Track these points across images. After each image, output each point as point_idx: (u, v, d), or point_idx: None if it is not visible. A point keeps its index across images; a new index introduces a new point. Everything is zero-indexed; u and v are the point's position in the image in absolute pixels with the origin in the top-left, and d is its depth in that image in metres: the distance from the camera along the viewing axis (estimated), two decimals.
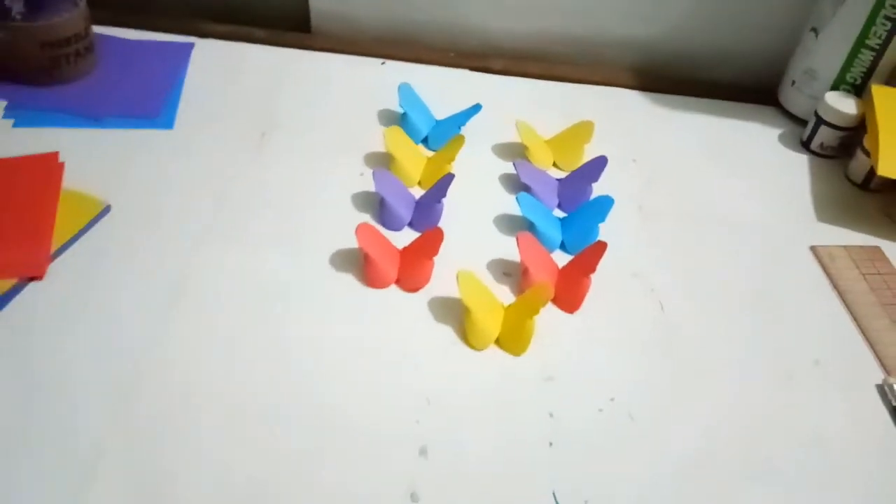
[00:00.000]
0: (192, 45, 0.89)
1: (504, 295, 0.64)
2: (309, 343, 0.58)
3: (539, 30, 0.93)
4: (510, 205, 0.72)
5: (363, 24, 0.94)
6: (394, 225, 0.69)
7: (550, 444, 0.53)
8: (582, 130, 0.78)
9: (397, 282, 0.64)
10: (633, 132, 0.85)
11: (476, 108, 0.79)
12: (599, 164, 0.73)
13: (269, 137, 0.78)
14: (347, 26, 0.94)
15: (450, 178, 0.68)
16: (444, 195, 0.68)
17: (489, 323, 0.60)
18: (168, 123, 0.78)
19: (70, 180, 0.69)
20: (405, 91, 0.79)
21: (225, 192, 0.71)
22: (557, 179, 0.76)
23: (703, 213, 0.75)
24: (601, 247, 0.62)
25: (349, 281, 0.64)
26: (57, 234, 0.63)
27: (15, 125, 0.75)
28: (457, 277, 0.59)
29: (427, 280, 0.64)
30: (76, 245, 0.64)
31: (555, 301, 0.63)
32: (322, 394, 0.55)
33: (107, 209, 0.67)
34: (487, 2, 0.91)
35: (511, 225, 0.71)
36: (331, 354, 0.57)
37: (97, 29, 0.87)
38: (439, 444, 0.52)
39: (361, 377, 0.56)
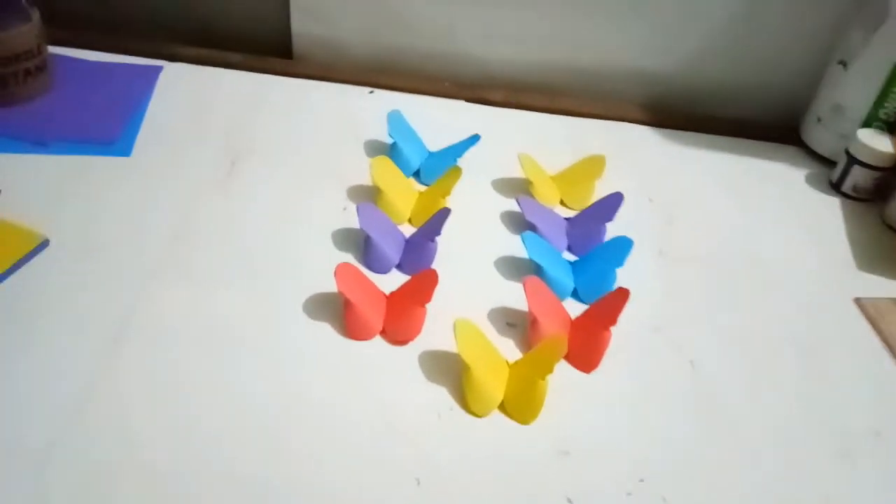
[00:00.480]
0: (160, 69, 0.81)
1: (508, 350, 0.54)
2: (273, 402, 0.48)
3: (541, 60, 0.86)
4: (514, 246, 0.63)
5: (349, 50, 0.86)
6: (380, 267, 0.59)
7: None
8: (592, 165, 0.70)
9: (382, 332, 0.54)
10: (646, 170, 0.77)
11: (474, 139, 0.70)
12: (614, 201, 0.64)
13: (240, 167, 0.69)
14: (332, 52, 0.86)
15: (445, 213, 0.59)
16: (438, 233, 0.59)
17: (492, 383, 0.50)
18: (125, 150, 0.69)
19: (6, 211, 0.60)
20: (395, 119, 0.71)
21: (184, 225, 0.61)
22: (566, 219, 0.67)
23: (731, 259, 0.66)
24: (623, 294, 0.53)
25: (326, 331, 0.54)
26: None
27: None
28: (454, 327, 0.50)
29: (418, 331, 0.54)
30: (7, 281, 0.54)
31: (568, 358, 0.54)
32: (286, 467, 0.44)
33: (45, 243, 0.57)
34: (485, 28, 0.84)
35: (515, 268, 0.62)
36: (299, 418, 0.47)
37: (58, 50, 0.79)
38: None
39: (337, 449, 0.46)
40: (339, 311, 0.54)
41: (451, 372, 0.52)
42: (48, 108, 0.73)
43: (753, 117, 0.87)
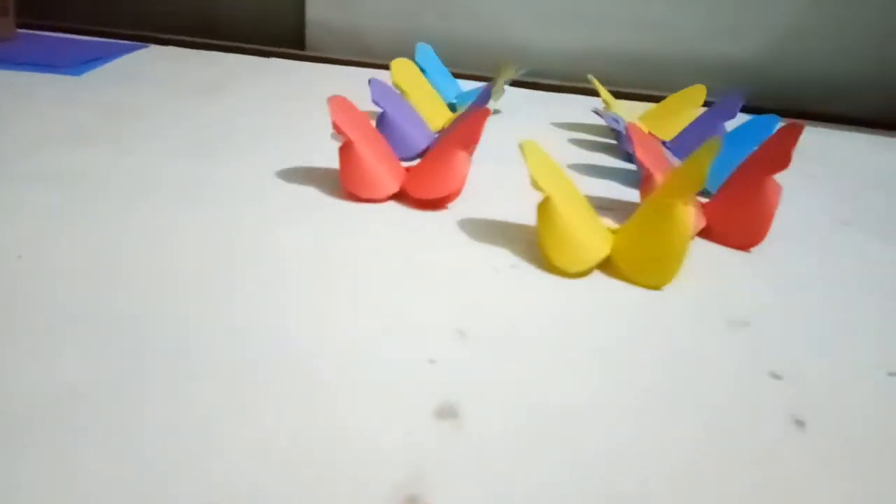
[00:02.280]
0: (141, 46, 0.67)
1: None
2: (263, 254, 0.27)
3: (591, 48, 0.72)
4: (583, 156, 0.44)
5: (369, 38, 0.73)
6: (403, 150, 0.40)
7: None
8: (690, 96, 0.52)
9: (400, 194, 0.34)
10: None
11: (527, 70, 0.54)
12: (732, 102, 0.46)
13: (218, 94, 0.52)
14: (350, 42, 0.73)
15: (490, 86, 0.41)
16: (485, 103, 0.41)
17: (584, 233, 0.29)
18: (74, 72, 0.53)
19: None
20: (424, 51, 0.55)
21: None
22: (665, 143, 0.48)
23: None
24: (796, 129, 0.33)
25: (310, 193, 0.34)
26: None
27: None
28: (520, 148, 0.29)
29: (457, 184, 0.33)
30: None
31: (714, 236, 0.32)
32: (308, 326, 0.22)
33: None
34: (528, 13, 0.71)
35: (600, 173, 0.42)
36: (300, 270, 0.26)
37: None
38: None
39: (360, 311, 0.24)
40: (333, 175, 0.34)
41: (508, 235, 0.31)
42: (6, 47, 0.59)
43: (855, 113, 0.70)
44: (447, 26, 0.73)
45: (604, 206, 0.35)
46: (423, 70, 0.52)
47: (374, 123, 0.39)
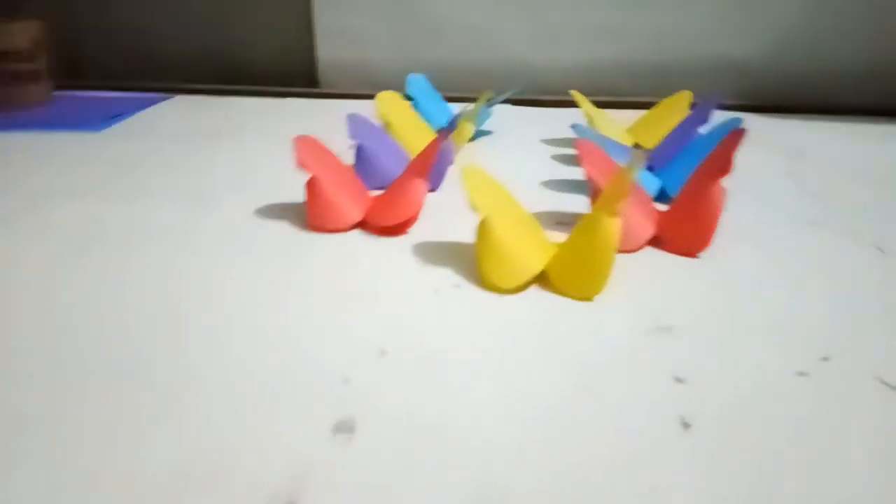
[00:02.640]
0: (166, 98, 0.72)
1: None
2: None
3: (596, 60, 0.72)
4: (562, 171, 0.45)
5: (379, 72, 0.76)
6: (378, 180, 0.42)
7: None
8: (676, 103, 0.53)
9: (363, 224, 0.36)
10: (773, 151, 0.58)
11: (515, 92, 0.56)
12: (706, 106, 0.46)
13: (232, 138, 0.56)
14: (360, 77, 0.76)
15: (465, 110, 0.43)
16: (454, 127, 0.43)
17: (523, 248, 0.30)
18: (95, 128, 0.58)
19: None
20: (415, 81, 0.57)
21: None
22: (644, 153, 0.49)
23: None
24: (737, 135, 0.33)
25: (281, 228, 0.36)
26: None
27: None
28: (461, 174, 0.31)
29: (413, 210, 0.35)
30: None
31: (660, 243, 0.33)
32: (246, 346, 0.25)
33: None
34: (529, 31, 0.73)
35: (572, 188, 0.43)
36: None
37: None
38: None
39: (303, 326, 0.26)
40: (299, 209, 0.37)
41: (458, 256, 0.32)
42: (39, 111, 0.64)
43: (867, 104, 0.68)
44: (450, 54, 0.75)
45: (565, 222, 0.36)
46: (413, 99, 0.54)
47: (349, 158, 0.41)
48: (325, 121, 0.45)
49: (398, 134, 0.48)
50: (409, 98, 0.55)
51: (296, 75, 0.79)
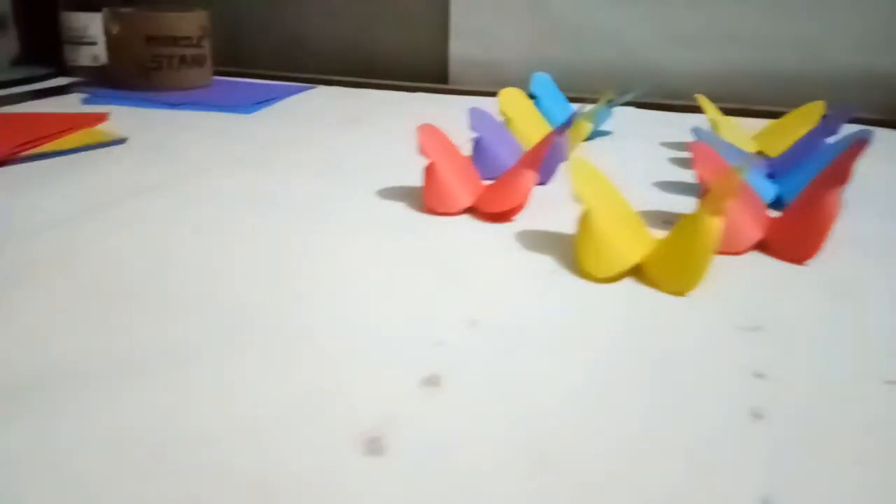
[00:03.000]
0: (310, 87, 0.78)
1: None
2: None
3: (730, 66, 0.71)
4: (676, 173, 0.45)
5: (508, 71, 0.78)
6: (493, 170, 0.44)
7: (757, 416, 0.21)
8: (808, 113, 0.51)
9: (474, 208, 0.38)
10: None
11: (638, 90, 0.56)
12: (837, 117, 0.45)
13: (361, 125, 0.60)
14: (490, 76, 0.79)
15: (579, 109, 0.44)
16: (569, 125, 0.44)
17: (621, 239, 0.31)
18: (247, 111, 0.64)
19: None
20: (541, 79, 0.59)
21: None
22: (767, 160, 0.48)
23: None
24: (860, 146, 0.32)
25: (399, 208, 0.39)
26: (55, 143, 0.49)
27: (85, 101, 0.65)
28: (570, 166, 0.33)
29: (520, 199, 0.37)
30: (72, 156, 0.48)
31: (770, 248, 0.33)
32: (330, 315, 0.28)
33: (121, 140, 0.51)
34: (660, 33, 0.72)
35: (683, 189, 0.43)
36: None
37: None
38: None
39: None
40: (416, 193, 0.40)
41: (559, 245, 0.34)
42: (195, 94, 0.72)
43: None
44: (579, 55, 0.76)
45: (671, 221, 0.37)
46: (536, 97, 0.56)
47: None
48: (451, 114, 0.48)
49: (516, 129, 0.50)
50: (532, 96, 0.57)
51: (428, 71, 0.82)
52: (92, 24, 0.76)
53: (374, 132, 0.58)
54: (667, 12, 0.72)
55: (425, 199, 0.38)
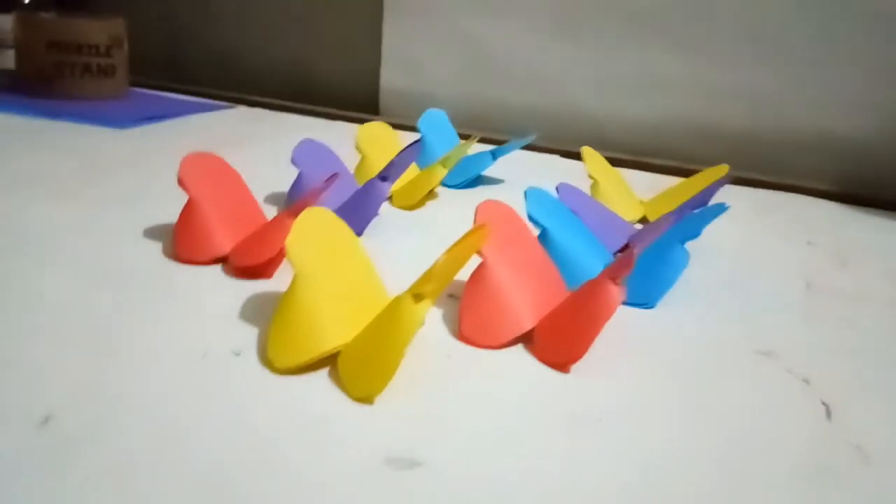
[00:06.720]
0: (228, 107, 0.73)
1: (446, 324, 0.28)
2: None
3: (665, 118, 0.64)
4: None
5: (437, 105, 0.72)
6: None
7: None
8: (710, 176, 0.44)
9: (226, 259, 0.32)
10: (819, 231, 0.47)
11: (530, 138, 0.49)
12: (715, 184, 0.38)
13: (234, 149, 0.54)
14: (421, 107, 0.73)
15: (417, 147, 0.38)
16: (397, 174, 0.38)
17: (334, 318, 0.24)
18: (123, 126, 0.59)
19: None
20: (431, 117, 0.53)
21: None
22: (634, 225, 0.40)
23: None
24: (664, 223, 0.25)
25: (144, 252, 0.33)
26: None
27: None
28: (297, 220, 0.26)
29: (270, 253, 0.30)
30: None
31: (531, 346, 0.26)
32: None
33: None
34: (597, 78, 0.65)
35: None
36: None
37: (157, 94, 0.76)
38: None
39: None
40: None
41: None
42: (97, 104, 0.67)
43: None
44: (506, 92, 0.70)
45: (453, 294, 0.30)
46: (422, 135, 0.50)
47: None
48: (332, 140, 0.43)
49: (371, 164, 0.44)
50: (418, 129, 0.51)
51: (361, 100, 0.77)
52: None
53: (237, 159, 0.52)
54: (604, 55, 0.65)
55: (176, 240, 0.32)
